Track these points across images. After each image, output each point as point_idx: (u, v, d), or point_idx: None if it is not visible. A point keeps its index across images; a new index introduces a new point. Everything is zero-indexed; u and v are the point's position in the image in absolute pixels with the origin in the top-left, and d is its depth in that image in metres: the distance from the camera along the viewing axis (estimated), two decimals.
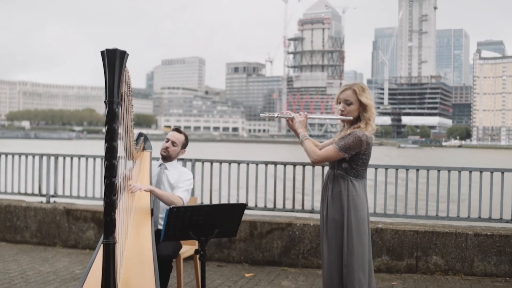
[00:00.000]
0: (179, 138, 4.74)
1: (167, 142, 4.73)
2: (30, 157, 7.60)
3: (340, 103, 3.68)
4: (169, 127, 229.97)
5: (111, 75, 2.95)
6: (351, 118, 3.62)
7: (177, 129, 4.80)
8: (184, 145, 4.78)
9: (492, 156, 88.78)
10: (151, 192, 4.22)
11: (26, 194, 7.67)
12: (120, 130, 3.04)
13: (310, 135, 3.78)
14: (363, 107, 3.61)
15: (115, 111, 2.96)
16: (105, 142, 2.94)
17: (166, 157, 4.71)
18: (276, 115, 3.77)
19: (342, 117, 3.64)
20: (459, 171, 6.22)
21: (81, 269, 5.99)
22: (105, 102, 2.95)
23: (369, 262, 3.68)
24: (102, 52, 2.93)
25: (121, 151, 3.25)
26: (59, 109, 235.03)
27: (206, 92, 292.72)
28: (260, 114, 3.91)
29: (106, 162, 2.94)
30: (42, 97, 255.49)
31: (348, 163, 3.60)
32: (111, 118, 2.95)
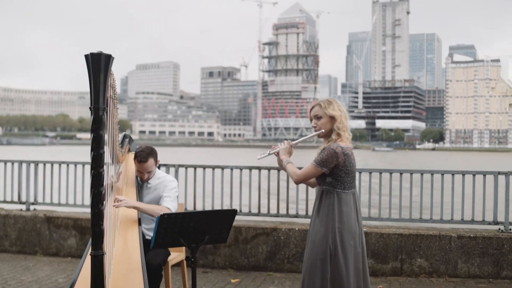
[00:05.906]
0: (149, 164, 4.37)
1: (141, 174, 4.40)
2: (9, 164, 7.44)
3: (312, 120, 3.77)
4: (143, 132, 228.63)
5: (96, 80, 2.79)
6: (323, 130, 3.67)
7: (140, 160, 4.34)
8: (155, 159, 4.45)
9: (467, 158, 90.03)
10: (136, 209, 4.05)
11: (5, 201, 7.51)
12: (106, 136, 2.95)
13: (285, 139, 3.86)
14: (332, 119, 3.66)
15: (101, 118, 2.82)
16: (91, 151, 2.81)
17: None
18: (268, 153, 3.84)
19: (315, 132, 3.71)
20: (442, 174, 6.27)
21: (64, 278, 5.88)
22: (90, 108, 2.84)
23: (356, 270, 3.64)
24: (86, 56, 2.77)
25: (107, 157, 3.16)
26: (31, 114, 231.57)
27: (181, 97, 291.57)
28: (257, 158, 4.02)
29: (93, 171, 2.83)
30: (14, 103, 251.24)
31: (332, 177, 3.60)
32: (97, 126, 2.81)
